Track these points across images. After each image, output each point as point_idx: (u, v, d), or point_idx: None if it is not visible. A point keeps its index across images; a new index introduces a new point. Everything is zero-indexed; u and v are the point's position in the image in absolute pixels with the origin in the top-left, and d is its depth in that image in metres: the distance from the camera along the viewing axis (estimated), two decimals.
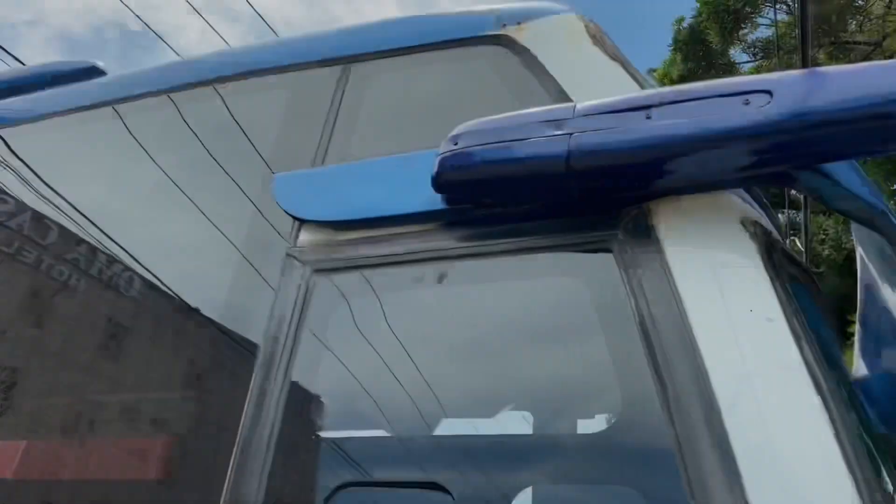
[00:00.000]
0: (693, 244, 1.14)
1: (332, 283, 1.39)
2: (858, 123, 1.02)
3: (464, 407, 1.18)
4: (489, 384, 1.19)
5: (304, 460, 1.24)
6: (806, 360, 0.99)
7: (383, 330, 1.33)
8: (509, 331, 1.26)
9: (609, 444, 1.03)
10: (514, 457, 1.07)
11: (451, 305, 1.32)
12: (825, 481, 0.89)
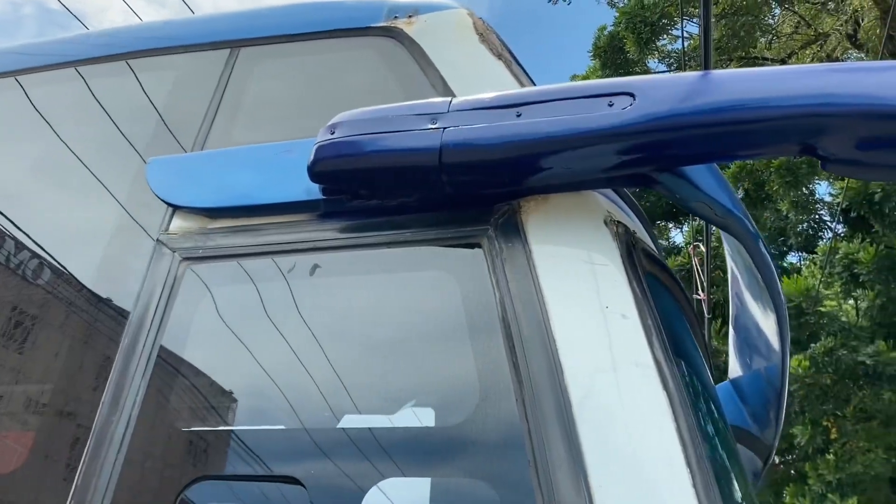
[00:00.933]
0: (557, 242, 1.16)
1: (203, 273, 1.34)
2: (716, 128, 1.05)
3: (329, 399, 1.17)
4: (356, 377, 1.18)
5: (160, 454, 1.20)
6: (656, 357, 1.02)
7: (253, 322, 1.30)
8: (379, 324, 1.25)
9: (463, 437, 1.03)
10: (370, 450, 1.06)
11: (322, 297, 1.30)
12: (665, 476, 0.92)
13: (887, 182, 2.29)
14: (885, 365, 8.70)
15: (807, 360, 8.71)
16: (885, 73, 1.00)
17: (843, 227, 11.88)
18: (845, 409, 9.33)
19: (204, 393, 1.25)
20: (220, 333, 1.31)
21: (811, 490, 8.99)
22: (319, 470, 1.08)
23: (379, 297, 1.27)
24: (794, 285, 9.26)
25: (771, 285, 1.46)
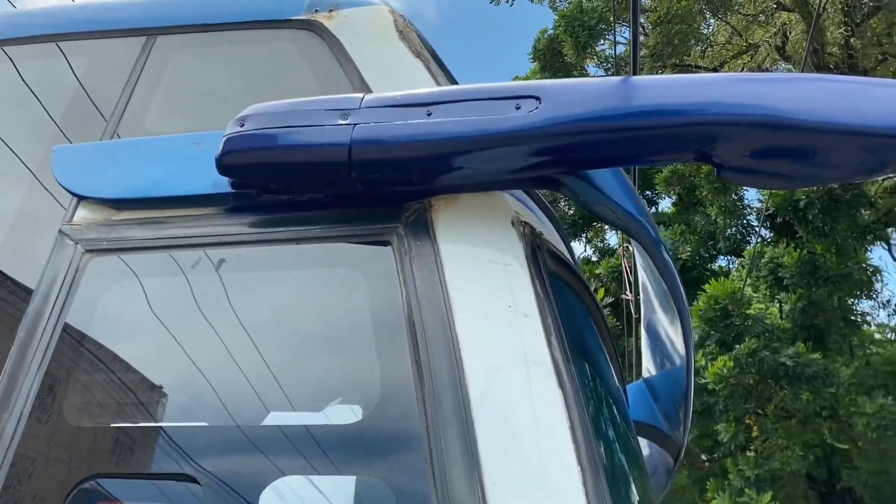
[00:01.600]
0: (465, 241, 1.17)
1: (106, 265, 1.30)
2: (615, 134, 1.07)
3: (230, 396, 1.15)
4: (261, 373, 1.16)
5: (53, 450, 1.16)
6: (553, 356, 1.03)
7: (156, 317, 1.27)
8: (286, 320, 1.24)
9: (362, 435, 1.03)
10: (266, 448, 1.05)
11: (229, 293, 1.27)
12: (556, 472, 0.94)
13: (779, 190, 2.40)
14: (804, 366, 9.06)
15: (731, 361, 9.01)
16: (777, 85, 1.04)
17: (770, 232, 12.34)
18: (767, 408, 9.68)
19: (102, 389, 1.21)
20: (122, 328, 1.28)
21: (731, 485, 9.30)
22: (215, 468, 1.06)
23: (286, 293, 1.26)
24: (721, 288, 9.57)
25: (673, 290, 1.50)
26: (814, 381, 9.06)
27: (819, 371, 9.07)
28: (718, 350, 9.41)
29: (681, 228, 12.98)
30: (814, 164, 1.02)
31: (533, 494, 0.92)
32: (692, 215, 12.90)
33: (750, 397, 9.38)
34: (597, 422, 1.11)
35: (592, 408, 1.11)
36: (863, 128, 0.97)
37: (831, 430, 9.66)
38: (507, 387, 1.01)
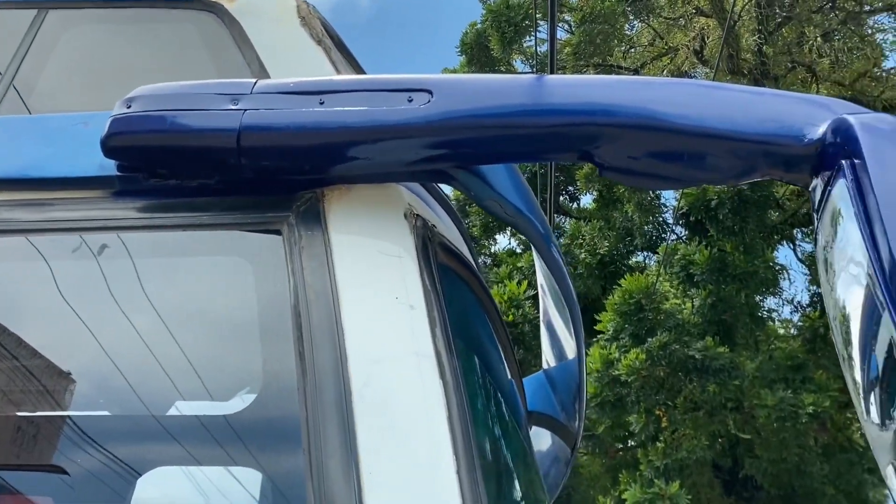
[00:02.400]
0: (356, 232, 1.16)
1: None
2: (502, 131, 1.09)
3: (111, 385, 1.12)
4: (141, 361, 1.13)
5: None
6: (437, 348, 1.04)
7: (35, 303, 1.22)
8: (172, 308, 1.21)
9: (243, 425, 1.02)
10: (144, 437, 1.03)
11: (113, 279, 1.24)
12: (431, 462, 0.95)
13: (657, 190, 2.48)
14: (712, 359, 9.45)
15: (643, 354, 9.30)
16: (655, 89, 1.08)
17: (684, 230, 12.78)
18: (676, 400, 10.05)
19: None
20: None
21: (642, 475, 9.61)
22: (90, 457, 1.03)
23: (173, 281, 1.23)
24: (636, 283, 9.86)
25: (562, 285, 1.54)
26: (720, 374, 9.46)
27: (726, 364, 9.47)
28: (632, 343, 9.69)
29: (600, 224, 13.30)
30: (689, 167, 1.07)
31: (408, 484, 0.93)
32: (611, 212, 13.23)
33: (661, 389, 9.71)
34: (479, 414, 1.13)
35: (476, 400, 1.13)
36: (733, 133, 1.01)
37: (736, 422, 10.11)
38: (388, 378, 1.02)
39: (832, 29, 11.43)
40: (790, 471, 10.31)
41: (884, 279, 0.80)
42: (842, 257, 0.91)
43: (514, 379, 1.57)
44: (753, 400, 9.31)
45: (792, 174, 1.02)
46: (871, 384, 0.85)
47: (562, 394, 2.00)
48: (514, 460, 1.28)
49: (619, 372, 9.38)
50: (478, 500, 0.93)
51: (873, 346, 0.83)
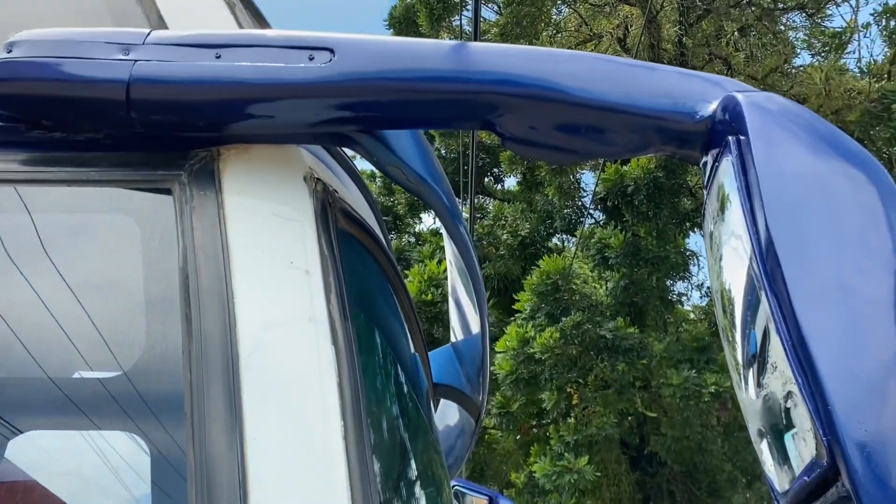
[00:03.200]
0: (252, 194, 1.13)
1: None
2: (403, 95, 1.07)
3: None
4: (20, 320, 1.07)
5: None
6: (331, 314, 1.02)
7: None
8: (52, 266, 1.14)
9: (122, 389, 0.98)
10: (18, 400, 0.97)
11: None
12: (319, 427, 0.93)
13: (556, 163, 2.52)
14: (622, 339, 9.77)
15: (557, 333, 9.52)
16: (557, 61, 1.08)
17: (601, 214, 13.10)
18: (587, 378, 10.35)
19: None
20: None
21: (552, 450, 9.88)
22: None
23: (55, 238, 1.16)
24: (553, 264, 10.06)
25: (467, 259, 1.54)
26: (630, 354, 9.80)
27: (635, 345, 9.81)
28: (547, 322, 9.91)
29: (522, 206, 13.49)
30: (587, 139, 1.08)
31: (293, 449, 0.91)
32: (534, 195, 13.45)
33: (573, 367, 9.98)
34: (374, 382, 1.12)
35: (371, 368, 1.12)
36: (629, 107, 1.03)
37: (643, 400, 10.51)
38: (279, 343, 1.00)
39: (748, 24, 11.86)
40: (692, 448, 10.80)
41: (760, 253, 0.83)
42: (725, 232, 0.94)
43: (419, 351, 1.57)
44: (660, 379, 9.68)
45: (684, 150, 1.05)
46: (750, 360, 0.88)
47: (468, 367, 2.01)
48: (410, 430, 1.27)
49: (534, 350, 9.59)
50: (364, 465, 0.92)
51: (753, 321, 0.86)
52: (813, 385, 0.71)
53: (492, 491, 2.39)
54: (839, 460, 0.68)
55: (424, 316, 11.44)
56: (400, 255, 14.69)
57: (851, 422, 0.68)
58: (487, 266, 12.76)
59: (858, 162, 0.90)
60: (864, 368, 0.72)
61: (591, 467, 9.37)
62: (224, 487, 0.88)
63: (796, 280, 0.77)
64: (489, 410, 11.29)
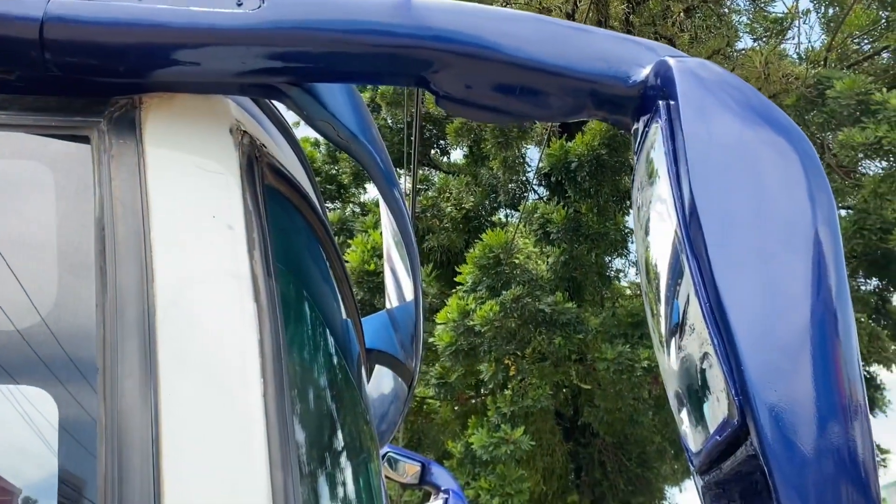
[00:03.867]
0: (174, 145, 1.08)
1: None
2: (334, 47, 1.04)
3: None
4: None
5: None
6: (254, 271, 1.00)
7: None
8: None
9: (32, 341, 0.94)
10: None
11: None
12: (237, 385, 0.91)
13: (491, 123, 2.50)
14: (560, 314, 9.93)
15: (497, 306, 9.61)
16: (496, 20, 1.06)
17: (545, 190, 13.22)
18: (525, 351, 10.50)
19: None
20: None
21: (489, 421, 10.03)
22: None
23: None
24: (496, 238, 10.11)
25: (401, 225, 1.52)
26: (567, 328, 9.97)
27: (572, 319, 9.99)
28: (488, 295, 9.99)
29: (467, 179, 13.50)
30: (521, 101, 1.07)
31: (210, 404, 0.89)
32: (479, 168, 13.45)
33: (512, 340, 10.10)
34: (298, 342, 1.10)
35: (295, 328, 1.10)
36: (564, 70, 1.02)
37: (578, 373, 10.73)
38: (198, 298, 0.97)
39: (694, 5, 12.03)
40: (624, 420, 11.10)
41: (683, 217, 0.83)
42: (652, 198, 0.94)
43: (351, 316, 1.55)
44: (595, 353, 9.90)
45: (616, 115, 1.05)
46: (671, 325, 0.89)
47: (401, 333, 2.00)
48: (336, 393, 1.26)
49: (474, 322, 9.66)
50: (284, 425, 0.91)
51: (675, 285, 0.87)
52: (728, 347, 0.73)
53: (424, 458, 2.41)
54: (749, 419, 0.69)
55: (367, 286, 11.39)
56: (343, 224, 14.56)
57: (762, 382, 0.70)
58: (431, 238, 12.77)
59: (786, 133, 0.92)
60: (779, 332, 0.74)
61: (526, 437, 9.55)
62: (136, 443, 0.85)
63: (717, 244, 0.78)
64: (428, 381, 11.37)
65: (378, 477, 1.51)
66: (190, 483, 0.83)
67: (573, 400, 12.53)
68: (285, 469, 0.87)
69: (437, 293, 12.20)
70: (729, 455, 0.76)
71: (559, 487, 13.13)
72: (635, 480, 13.48)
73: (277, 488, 0.84)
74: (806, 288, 0.77)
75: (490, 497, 9.74)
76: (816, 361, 0.72)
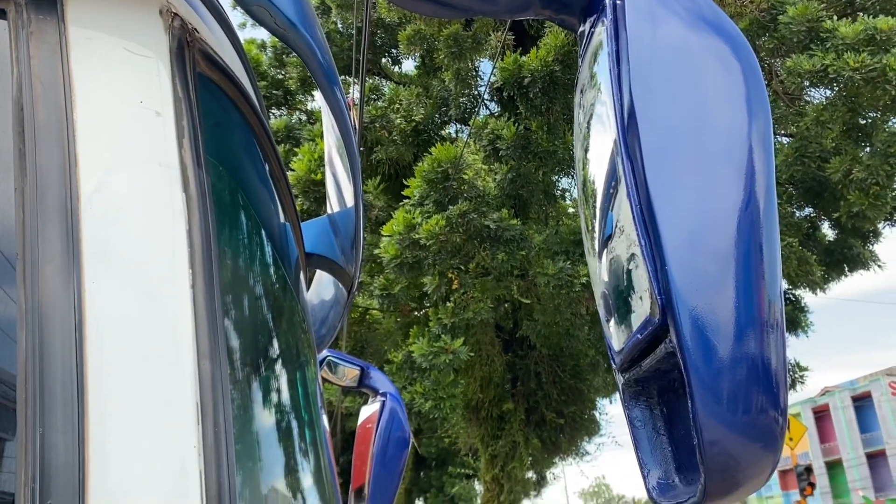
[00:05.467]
0: (99, 25, 1.02)
1: None
2: None
3: None
4: None
5: None
6: (183, 159, 0.96)
7: None
8: None
9: None
10: None
11: None
12: (165, 273, 0.89)
13: (436, 17, 2.38)
14: (505, 230, 10.03)
15: (443, 220, 9.64)
16: None
17: (497, 105, 13.10)
18: (469, 265, 10.64)
19: None
20: None
21: (430, 332, 10.22)
22: None
23: None
24: (445, 153, 10.05)
25: (342, 126, 1.48)
26: (511, 244, 10.10)
27: (516, 235, 10.11)
28: (435, 209, 10.00)
29: (418, 91, 13.24)
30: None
31: (135, 293, 0.87)
32: (431, 79, 13.19)
33: (456, 254, 10.20)
34: (230, 233, 1.08)
35: (226, 220, 1.07)
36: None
37: (519, 288, 10.95)
38: (124, 186, 0.93)
39: None
40: (560, 333, 11.47)
41: (621, 118, 0.83)
42: (593, 100, 0.94)
43: (289, 218, 1.52)
44: (537, 269, 10.08)
45: (563, 15, 1.02)
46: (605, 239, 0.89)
47: (342, 238, 1.99)
48: (269, 290, 1.25)
49: (420, 236, 9.69)
50: (213, 317, 0.90)
51: (609, 189, 0.87)
52: (654, 247, 0.74)
53: (363, 362, 2.44)
54: (669, 318, 0.71)
55: (313, 196, 11.26)
56: (290, 132, 14.23)
57: (685, 283, 0.71)
58: (379, 150, 12.61)
59: (732, 43, 0.91)
60: (705, 237, 0.75)
61: (465, 348, 9.80)
62: (58, 329, 0.84)
63: (652, 147, 0.78)
64: (372, 292, 11.46)
65: (315, 380, 1.52)
66: (113, 368, 0.82)
67: (513, 314, 12.84)
68: (213, 360, 0.87)
69: (383, 206, 12.16)
70: (649, 353, 0.78)
71: (496, 396, 13.63)
72: (568, 391, 14.07)
73: (205, 378, 0.84)
74: (737, 199, 0.78)
75: (424, 400, 10.05)
76: (740, 270, 0.74)
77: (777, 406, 0.69)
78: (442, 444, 21.36)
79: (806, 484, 18.93)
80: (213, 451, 0.79)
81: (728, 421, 0.69)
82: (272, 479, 1.11)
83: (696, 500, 0.70)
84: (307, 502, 1.23)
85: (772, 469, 0.70)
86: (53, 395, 0.81)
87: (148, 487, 0.73)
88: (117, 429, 0.78)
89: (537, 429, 14.62)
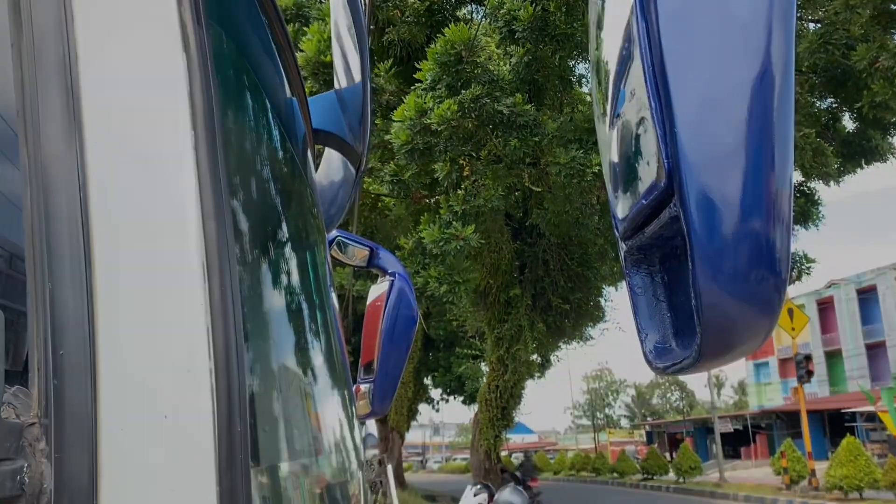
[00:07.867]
0: None
1: None
2: None
3: None
4: None
5: None
6: (183, 20, 0.94)
7: None
8: None
9: None
10: None
11: None
12: (168, 139, 0.89)
13: None
14: (518, 116, 9.85)
15: (455, 105, 9.45)
16: None
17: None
18: (480, 152, 10.53)
19: None
20: None
21: (441, 218, 10.25)
22: None
23: None
24: (459, 34, 9.71)
25: None
26: (523, 131, 9.95)
27: (529, 121, 9.93)
28: (447, 94, 9.79)
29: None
30: None
31: (137, 149, 0.87)
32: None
33: (468, 141, 10.08)
34: (233, 98, 1.07)
35: (229, 83, 1.05)
36: None
37: (531, 176, 10.88)
38: (122, 45, 0.91)
39: None
40: (570, 222, 11.49)
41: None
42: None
43: (295, 93, 1.49)
44: (549, 157, 9.97)
45: None
46: (614, 93, 0.86)
47: (350, 114, 1.96)
48: (276, 162, 1.24)
49: (431, 121, 9.54)
50: (217, 181, 0.89)
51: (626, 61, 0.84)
52: (665, 109, 0.72)
53: (373, 243, 2.46)
54: (675, 181, 0.70)
55: (322, 79, 11.02)
56: (299, 10, 13.76)
57: (692, 144, 0.70)
58: (391, 31, 12.22)
59: None
60: (717, 98, 0.73)
61: (476, 235, 9.85)
62: (63, 187, 0.84)
63: (670, 13, 0.74)
64: (383, 178, 11.42)
65: (324, 256, 1.53)
66: (118, 225, 0.83)
67: (524, 202, 12.82)
68: (219, 221, 0.87)
69: (395, 90, 11.91)
70: (653, 219, 0.78)
71: (504, 282, 13.83)
72: (575, 278, 14.26)
73: (210, 237, 0.85)
74: (753, 68, 0.75)
75: (439, 284, 10.21)
76: (751, 138, 0.72)
77: (778, 287, 0.69)
78: (450, 326, 21.91)
79: (804, 371, 19.43)
80: (219, 310, 0.81)
81: (728, 286, 0.69)
82: (281, 349, 1.14)
83: (691, 361, 0.71)
84: (316, 372, 1.27)
85: (767, 333, 0.71)
86: (61, 254, 0.82)
87: (155, 341, 0.75)
88: (124, 285, 0.79)
89: (543, 314, 14.92)
